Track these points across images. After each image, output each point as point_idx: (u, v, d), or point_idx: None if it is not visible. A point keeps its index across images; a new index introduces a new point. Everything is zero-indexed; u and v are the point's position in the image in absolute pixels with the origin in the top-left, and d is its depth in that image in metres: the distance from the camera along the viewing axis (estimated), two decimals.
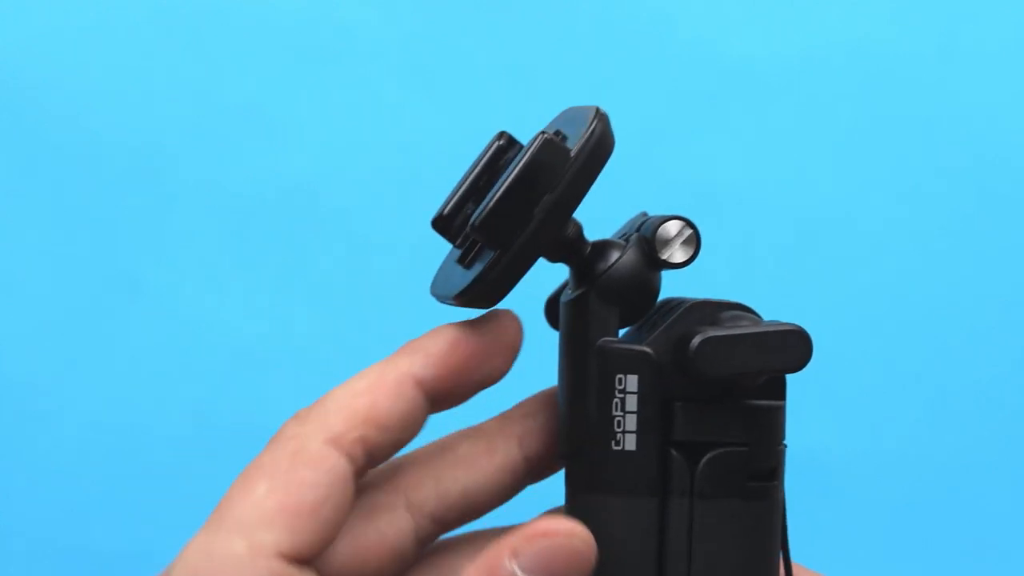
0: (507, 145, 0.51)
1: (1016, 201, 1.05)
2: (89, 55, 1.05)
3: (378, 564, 0.51)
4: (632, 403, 0.49)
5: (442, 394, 0.50)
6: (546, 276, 0.53)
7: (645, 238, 0.51)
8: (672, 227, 0.50)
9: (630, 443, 0.49)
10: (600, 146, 0.48)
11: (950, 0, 1.06)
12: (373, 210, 1.05)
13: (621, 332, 0.51)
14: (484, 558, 0.48)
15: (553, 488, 0.52)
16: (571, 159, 0.48)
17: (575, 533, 0.48)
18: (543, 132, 0.48)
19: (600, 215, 0.54)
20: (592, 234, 0.52)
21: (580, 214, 0.51)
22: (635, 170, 1.03)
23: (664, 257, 0.50)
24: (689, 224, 0.50)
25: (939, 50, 1.06)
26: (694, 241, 0.51)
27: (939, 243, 1.05)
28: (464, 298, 0.49)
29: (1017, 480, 1.04)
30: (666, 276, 0.51)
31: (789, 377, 0.50)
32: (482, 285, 0.48)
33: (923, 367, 1.04)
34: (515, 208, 0.48)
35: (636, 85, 1.05)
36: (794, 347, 0.49)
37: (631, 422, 0.49)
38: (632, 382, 0.49)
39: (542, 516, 0.49)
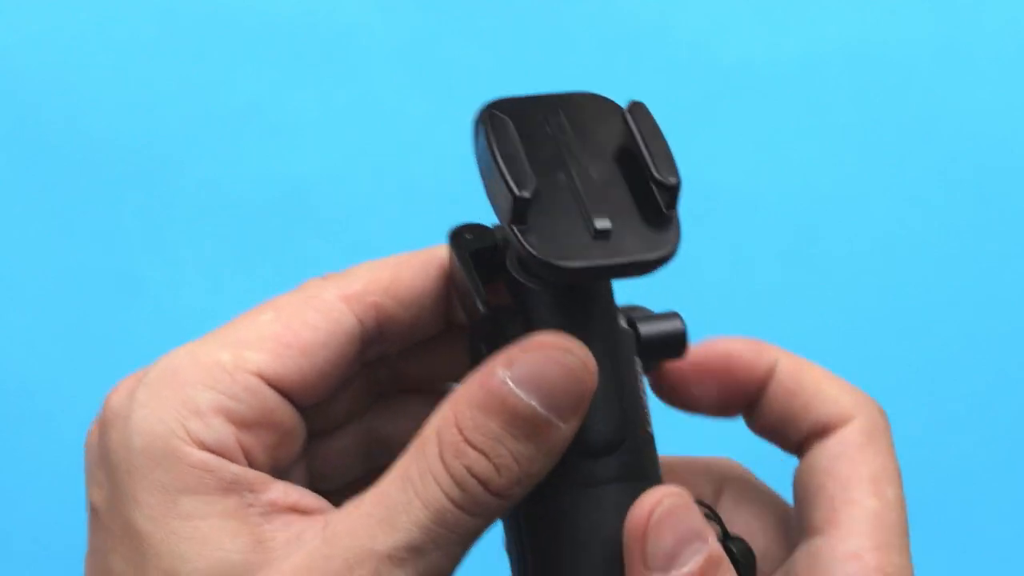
0: None
1: (1016, 202, 1.05)
2: (89, 56, 1.05)
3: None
4: (643, 383, 0.48)
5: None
6: None
7: None
8: None
9: (650, 424, 0.47)
10: None
11: (950, 0, 1.06)
12: (373, 211, 1.05)
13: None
14: (479, 371, 0.45)
15: None
16: None
17: (571, 349, 0.45)
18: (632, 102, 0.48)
19: None
20: None
21: None
22: None
23: None
24: None
25: (939, 51, 1.06)
26: None
27: (939, 243, 1.05)
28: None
29: (1017, 480, 1.04)
30: (662, 274, 0.50)
31: None
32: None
33: (923, 367, 1.04)
34: None
35: (635, 86, 1.05)
36: None
37: (646, 403, 0.47)
38: (639, 363, 0.48)
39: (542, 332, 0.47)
